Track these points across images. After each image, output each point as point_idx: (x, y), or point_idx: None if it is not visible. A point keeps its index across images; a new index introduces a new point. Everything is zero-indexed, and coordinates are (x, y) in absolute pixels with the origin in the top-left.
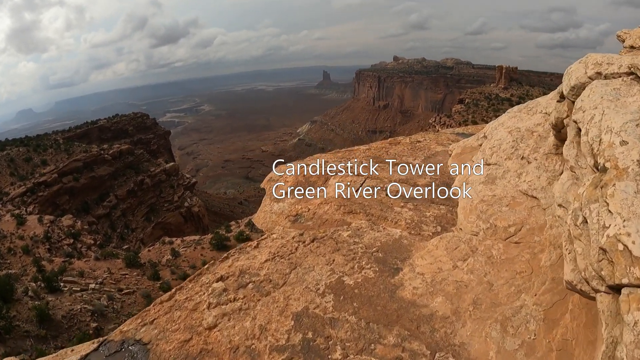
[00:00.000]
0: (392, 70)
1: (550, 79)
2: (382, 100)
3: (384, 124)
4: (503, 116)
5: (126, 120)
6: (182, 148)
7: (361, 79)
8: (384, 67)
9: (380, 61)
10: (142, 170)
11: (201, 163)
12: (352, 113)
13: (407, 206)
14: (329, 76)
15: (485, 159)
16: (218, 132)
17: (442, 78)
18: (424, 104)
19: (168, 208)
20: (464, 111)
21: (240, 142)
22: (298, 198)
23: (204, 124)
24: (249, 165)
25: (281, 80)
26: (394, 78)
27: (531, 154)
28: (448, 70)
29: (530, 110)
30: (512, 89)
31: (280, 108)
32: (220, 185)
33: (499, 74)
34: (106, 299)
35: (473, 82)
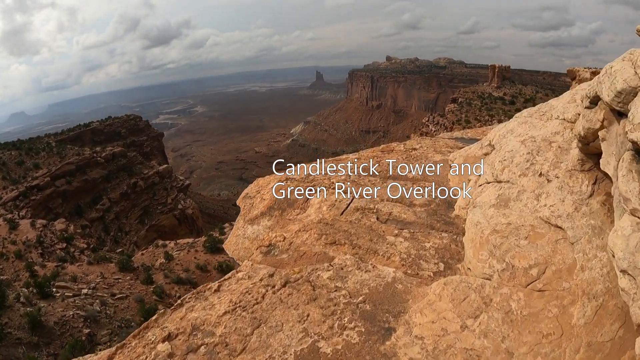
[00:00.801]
0: (385, 70)
1: (543, 77)
2: (376, 100)
3: (377, 123)
4: (512, 122)
5: (119, 123)
6: (176, 150)
7: (354, 79)
8: (376, 67)
9: (373, 61)
10: (136, 173)
11: (195, 165)
12: (345, 113)
13: (402, 234)
14: (322, 76)
15: (495, 175)
16: (211, 133)
17: (435, 77)
18: (417, 104)
19: (162, 210)
20: (457, 110)
21: (233, 143)
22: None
23: (198, 125)
24: (242, 167)
25: (274, 80)
26: (387, 78)
27: (551, 170)
28: (441, 70)
29: (543, 115)
30: (505, 87)
31: (274, 109)
32: (214, 186)
33: (491, 73)
34: (99, 304)
35: (466, 82)
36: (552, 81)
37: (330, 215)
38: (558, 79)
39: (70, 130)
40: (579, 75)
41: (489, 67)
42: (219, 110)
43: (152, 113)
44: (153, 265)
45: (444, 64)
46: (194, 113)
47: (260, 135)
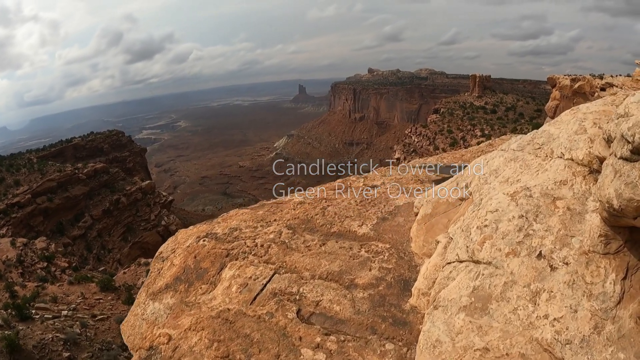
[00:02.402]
0: (367, 82)
1: (523, 85)
2: (358, 113)
3: (360, 135)
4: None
5: (101, 138)
6: (159, 165)
7: (337, 91)
8: (359, 80)
9: (355, 73)
10: (118, 189)
11: (178, 180)
12: (328, 126)
13: (325, 345)
14: (304, 90)
15: (471, 250)
16: (195, 148)
17: (416, 88)
18: (400, 115)
19: (145, 227)
20: (439, 121)
21: (217, 158)
22: (178, 299)
23: (181, 140)
24: (226, 181)
25: (257, 94)
26: (369, 90)
27: (556, 251)
28: (422, 81)
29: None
30: (486, 97)
31: (257, 123)
32: (199, 202)
33: (472, 82)
34: (79, 326)
35: (447, 92)
36: (533, 89)
37: (238, 303)
38: (538, 86)
39: (52, 146)
40: (559, 83)
41: (470, 77)
42: (203, 125)
43: (135, 128)
44: (135, 284)
45: (426, 75)
46: (177, 128)
47: (244, 149)
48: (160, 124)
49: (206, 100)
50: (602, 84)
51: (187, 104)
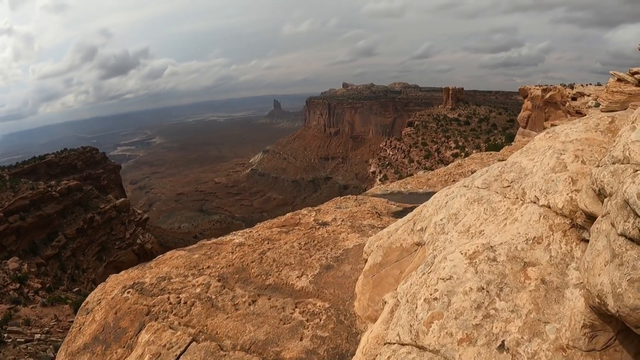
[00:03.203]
0: (342, 96)
1: (496, 96)
2: (333, 127)
3: (336, 150)
4: (458, 196)
5: (75, 155)
6: (134, 182)
7: (311, 106)
8: (333, 94)
9: (330, 88)
10: (92, 207)
11: (154, 197)
12: (304, 141)
13: None
14: (279, 105)
15: (416, 331)
16: (170, 164)
17: (390, 102)
18: (374, 129)
19: (120, 246)
20: (413, 134)
21: (193, 174)
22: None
23: (156, 157)
24: (202, 198)
25: (232, 110)
26: (343, 104)
27: (524, 343)
28: (396, 95)
29: (509, 188)
30: (459, 109)
31: (232, 138)
32: (174, 219)
33: (445, 95)
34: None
35: (421, 105)
36: (505, 100)
37: None
38: (510, 97)
39: (24, 163)
40: (531, 93)
41: (443, 89)
42: (178, 141)
43: (109, 145)
44: None
45: (399, 89)
46: (152, 144)
47: (219, 165)
48: (135, 140)
49: (181, 116)
50: (573, 94)
51: (162, 120)
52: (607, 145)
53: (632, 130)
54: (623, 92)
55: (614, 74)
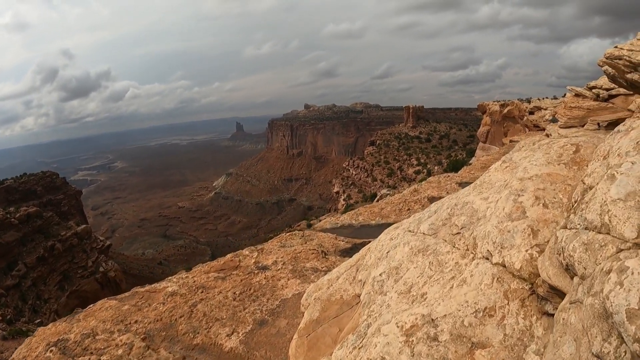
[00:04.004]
0: (304, 118)
1: (455, 113)
2: (296, 149)
3: (299, 171)
4: (401, 244)
5: (34, 180)
6: (96, 208)
7: (274, 128)
8: (295, 116)
9: (292, 110)
10: (53, 235)
11: (116, 223)
12: (267, 163)
13: None
14: (242, 127)
15: None
16: (132, 189)
17: (352, 122)
18: (337, 149)
19: (82, 274)
20: (376, 152)
21: (156, 199)
22: None
23: (118, 181)
24: (166, 223)
25: (195, 133)
26: (306, 126)
27: None
28: (358, 114)
29: (458, 235)
30: (420, 126)
31: (195, 162)
32: (138, 245)
33: (406, 113)
34: None
35: (383, 124)
36: (464, 116)
37: None
38: (469, 113)
39: None
40: (489, 109)
41: (404, 108)
42: (140, 165)
43: (70, 169)
44: None
45: (361, 109)
46: (114, 169)
47: (182, 189)
48: (96, 164)
49: (143, 139)
50: (530, 108)
51: (124, 144)
52: (572, 182)
53: (610, 179)
54: (581, 107)
55: (572, 89)
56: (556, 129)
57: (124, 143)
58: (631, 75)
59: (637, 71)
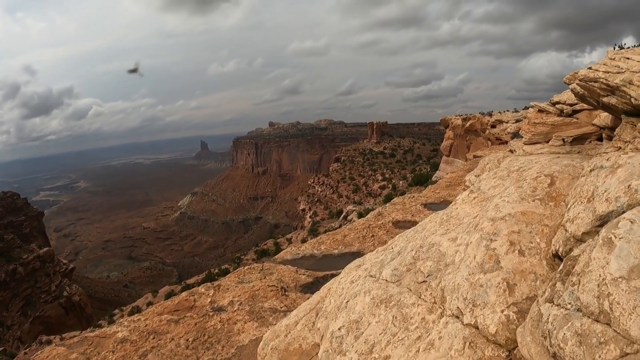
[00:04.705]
0: (269, 135)
1: (418, 128)
2: (261, 166)
3: (264, 189)
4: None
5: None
6: (59, 230)
7: (239, 146)
8: (260, 133)
9: (257, 127)
10: (14, 258)
11: (80, 245)
12: (232, 181)
13: None
14: (206, 146)
15: None
16: (96, 210)
17: (317, 139)
18: (302, 166)
19: (46, 299)
20: (341, 169)
21: (120, 219)
22: None
23: (81, 202)
24: (131, 244)
25: (159, 152)
26: (270, 143)
27: None
28: (322, 131)
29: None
30: (384, 142)
31: (160, 181)
32: (103, 268)
33: (370, 129)
34: None
35: (347, 140)
36: (428, 131)
37: None
38: (433, 128)
39: None
40: (452, 123)
41: (368, 124)
42: (103, 185)
43: (31, 189)
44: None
45: (325, 125)
46: (76, 189)
47: (147, 209)
48: (58, 184)
49: (106, 158)
50: (492, 121)
51: (87, 163)
52: (549, 221)
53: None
54: (545, 123)
55: (535, 105)
56: (520, 144)
57: (86, 162)
58: (608, 99)
59: (615, 95)
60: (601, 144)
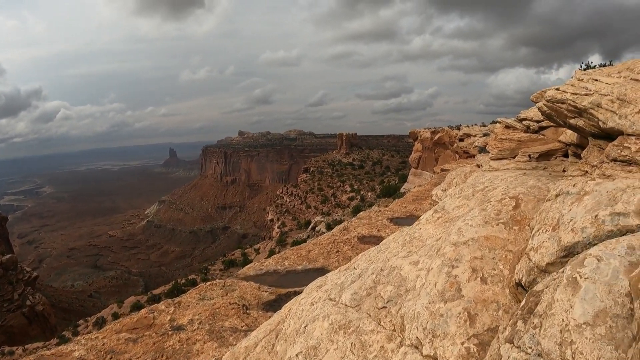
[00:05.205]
0: (238, 145)
1: (387, 140)
2: (230, 176)
3: (233, 199)
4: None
5: None
6: (22, 236)
7: (208, 155)
8: (229, 143)
9: (226, 136)
10: None
11: (44, 253)
12: (200, 190)
13: None
14: (175, 153)
15: None
16: (61, 216)
17: (286, 149)
18: (271, 176)
19: (8, 308)
20: (309, 180)
21: (85, 227)
22: None
23: (46, 208)
24: (97, 253)
25: (127, 158)
26: (240, 153)
27: None
28: (292, 142)
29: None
30: (353, 153)
31: (127, 188)
32: (67, 277)
33: (340, 141)
34: None
35: (316, 151)
36: (397, 143)
37: None
38: (402, 140)
39: None
40: (421, 136)
41: (337, 135)
42: (69, 191)
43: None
44: None
45: (295, 136)
46: (42, 194)
47: (114, 217)
48: (23, 189)
49: (73, 163)
50: (460, 135)
51: (53, 168)
52: (513, 246)
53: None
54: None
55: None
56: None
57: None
58: (575, 121)
59: (583, 117)
60: (567, 160)
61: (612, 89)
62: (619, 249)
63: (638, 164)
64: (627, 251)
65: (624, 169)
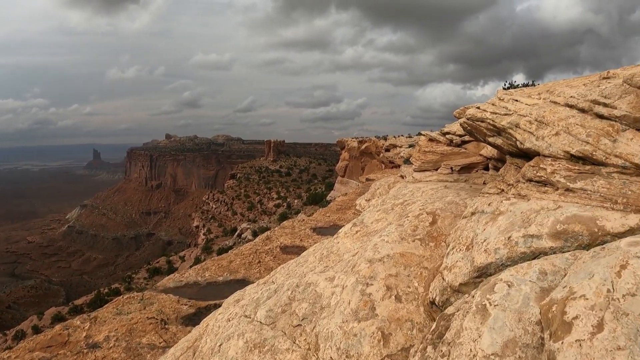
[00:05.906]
0: (165, 148)
1: (315, 148)
2: (155, 180)
3: (158, 204)
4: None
5: None
6: None
7: (133, 158)
8: (156, 146)
9: (153, 139)
10: None
11: None
12: (124, 195)
13: None
14: (99, 155)
15: None
16: None
17: (213, 154)
18: (197, 181)
19: None
20: (236, 186)
21: (2, 232)
22: None
23: None
24: (15, 260)
25: (48, 159)
26: (166, 156)
27: None
28: (219, 147)
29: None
30: (280, 161)
31: (47, 191)
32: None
33: (267, 147)
34: None
35: (244, 157)
36: (324, 151)
37: None
38: (329, 148)
39: None
40: (348, 145)
41: (265, 142)
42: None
43: None
44: None
45: (223, 141)
46: None
47: (33, 222)
48: None
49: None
50: (387, 145)
51: None
52: (428, 263)
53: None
54: (435, 152)
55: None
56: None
57: None
58: (494, 140)
59: (501, 136)
60: (487, 173)
61: (531, 110)
62: (531, 274)
63: (553, 185)
64: (539, 276)
65: (539, 189)
